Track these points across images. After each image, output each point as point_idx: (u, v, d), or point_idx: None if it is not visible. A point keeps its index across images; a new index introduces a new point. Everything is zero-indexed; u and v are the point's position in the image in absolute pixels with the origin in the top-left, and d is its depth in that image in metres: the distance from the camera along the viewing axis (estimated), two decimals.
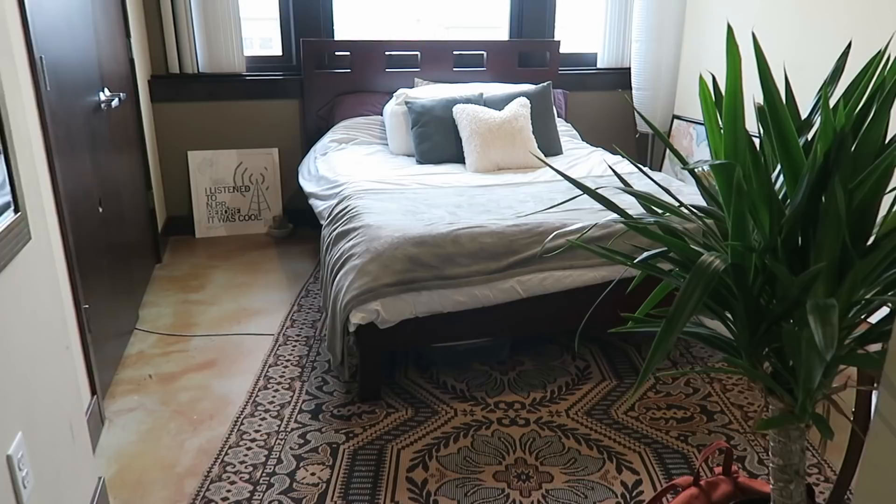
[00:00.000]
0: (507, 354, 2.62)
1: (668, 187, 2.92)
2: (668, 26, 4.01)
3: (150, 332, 2.83)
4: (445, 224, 2.37)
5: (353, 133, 3.72)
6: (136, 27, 3.43)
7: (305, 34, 3.94)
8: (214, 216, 4.02)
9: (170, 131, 3.87)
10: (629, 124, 4.50)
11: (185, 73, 3.80)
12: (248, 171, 4.02)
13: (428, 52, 4.01)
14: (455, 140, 3.37)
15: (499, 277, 2.28)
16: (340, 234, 2.48)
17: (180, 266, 3.56)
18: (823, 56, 3.06)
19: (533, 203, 2.66)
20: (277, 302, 3.12)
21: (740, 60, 1.09)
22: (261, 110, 3.97)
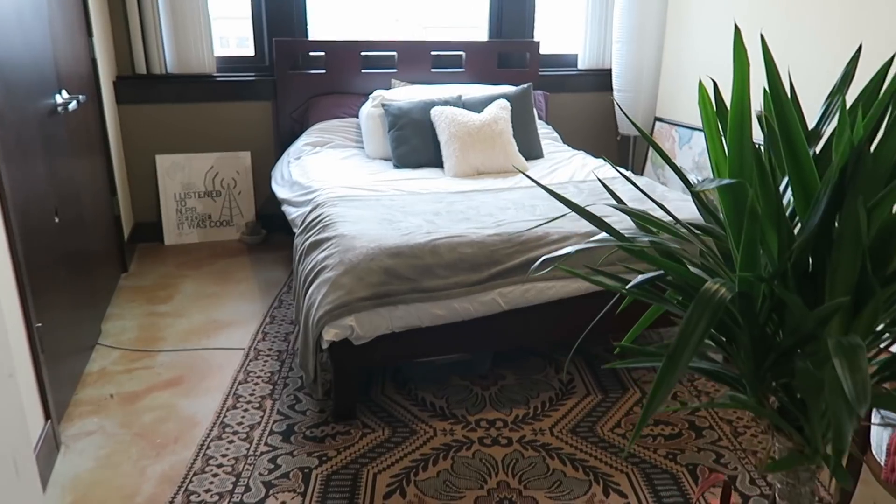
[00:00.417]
0: (489, 368, 2.52)
1: (652, 193, 2.85)
2: (649, 27, 3.94)
3: (113, 347, 2.69)
4: (423, 233, 2.26)
5: (328, 136, 3.59)
6: (98, 25, 3.27)
7: (278, 34, 3.81)
8: (184, 222, 3.87)
9: (136, 134, 3.72)
10: (610, 126, 4.43)
11: (152, 73, 3.65)
12: (220, 175, 3.88)
13: (405, 52, 3.90)
14: (433, 143, 3.27)
15: (479, 290, 2.18)
16: (313, 244, 2.36)
17: (147, 275, 3.41)
18: (813, 58, 3.01)
19: (514, 210, 2.56)
20: (249, 313, 2.99)
21: (748, 66, 0.98)
22: (232, 112, 3.83)
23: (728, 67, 3.50)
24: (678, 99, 3.87)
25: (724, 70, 3.58)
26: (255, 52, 3.91)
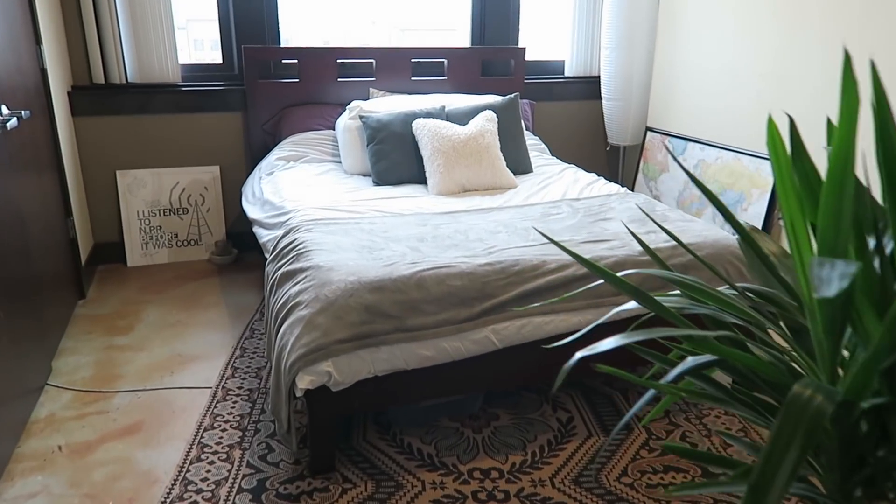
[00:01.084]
0: (480, 407, 2.31)
1: (652, 212, 2.66)
2: (639, 33, 3.76)
3: (64, 388, 2.43)
4: (407, 264, 2.04)
5: (303, 150, 3.36)
6: (49, 32, 3.01)
7: (248, 40, 3.57)
8: (148, 242, 3.61)
9: (94, 149, 3.45)
10: (599, 136, 4.25)
11: (111, 83, 3.39)
12: (186, 191, 3.63)
13: (384, 59, 3.68)
14: (415, 158, 3.05)
15: (470, 327, 1.97)
16: (286, 275, 2.13)
17: (107, 302, 3.15)
18: (806, 65, 2.84)
19: (506, 234, 2.35)
20: (217, 345, 2.75)
21: (858, 103, 0.77)
22: (199, 124, 3.58)
23: (721, 75, 3.26)
24: (670, 108, 3.70)
25: (717, 78, 3.44)
26: (223, 59, 3.67)
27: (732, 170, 3.27)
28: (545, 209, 2.65)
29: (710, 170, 3.41)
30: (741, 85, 3.21)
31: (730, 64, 3.26)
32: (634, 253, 2.19)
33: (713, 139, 3.42)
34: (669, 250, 2.23)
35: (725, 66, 3.29)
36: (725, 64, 3.29)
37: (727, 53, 3.27)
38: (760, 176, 3.11)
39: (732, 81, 3.26)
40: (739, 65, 3.21)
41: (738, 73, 3.21)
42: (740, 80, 3.21)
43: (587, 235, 2.33)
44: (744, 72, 3.18)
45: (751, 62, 3.14)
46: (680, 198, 3.61)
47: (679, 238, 2.25)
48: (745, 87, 3.19)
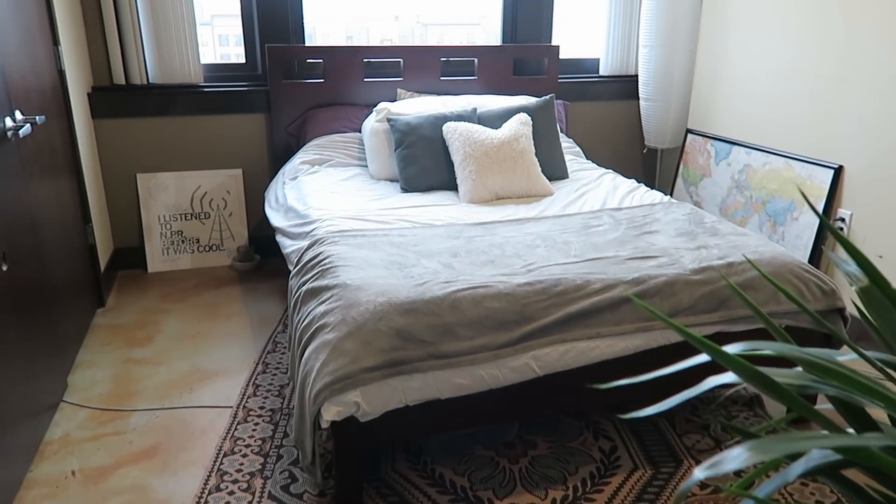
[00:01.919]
0: (516, 434, 2.16)
1: (701, 223, 2.48)
2: (681, 30, 3.57)
3: (80, 405, 2.33)
4: (441, 283, 1.90)
5: (328, 153, 3.23)
6: (69, 33, 2.91)
7: (272, 39, 3.44)
8: (170, 248, 3.51)
9: (115, 152, 3.35)
10: (636, 138, 4.07)
11: (132, 84, 3.29)
12: (209, 195, 3.52)
13: (412, 59, 3.53)
14: (446, 164, 2.90)
15: (509, 353, 1.82)
16: (311, 293, 2.00)
17: (127, 310, 3.05)
18: (870, 67, 2.64)
19: (545, 248, 2.20)
20: (239, 359, 2.63)
21: None
22: (222, 126, 3.47)
23: (771, 75, 3.05)
24: (714, 109, 3.51)
25: (766, 78, 3.24)
26: (246, 59, 3.55)
27: (782, 176, 3.08)
28: (585, 220, 2.49)
29: (756, 175, 3.22)
30: (792, 86, 3.01)
31: (779, 63, 3.07)
32: (685, 272, 2.03)
33: (760, 143, 3.22)
34: (725, 268, 2.06)
35: (775, 66, 3.09)
36: (775, 63, 3.09)
37: (777, 52, 3.07)
38: (813, 183, 2.92)
39: (782, 82, 3.06)
40: (790, 64, 3.01)
41: (789, 73, 3.01)
42: (791, 81, 3.01)
43: (633, 251, 2.16)
44: (795, 72, 2.98)
45: (803, 61, 2.94)
46: (723, 205, 3.42)
47: (734, 254, 2.08)
48: (796, 88, 2.99)
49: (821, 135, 2.89)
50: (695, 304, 1.99)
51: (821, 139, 2.89)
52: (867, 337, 2.69)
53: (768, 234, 3.12)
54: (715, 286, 2.02)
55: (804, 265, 2.14)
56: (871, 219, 2.71)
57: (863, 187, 2.73)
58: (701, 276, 2.03)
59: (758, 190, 3.20)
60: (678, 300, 1.97)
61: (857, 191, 2.76)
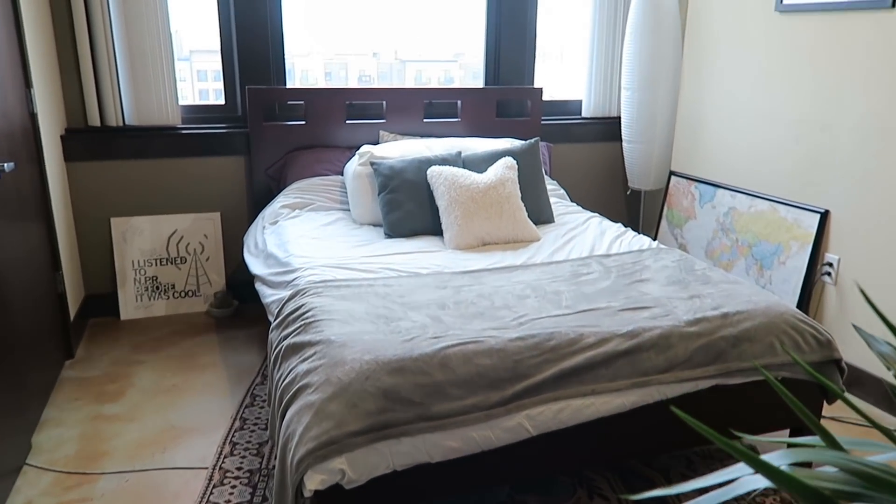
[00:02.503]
0: (507, 494, 2.07)
1: (691, 271, 2.44)
2: (662, 73, 3.58)
3: (44, 469, 2.19)
4: (429, 338, 1.82)
5: (309, 197, 3.16)
6: (42, 74, 2.83)
7: (252, 78, 3.39)
8: (143, 294, 3.39)
9: (88, 195, 3.25)
10: (619, 179, 4.06)
11: (107, 126, 3.20)
12: (185, 239, 3.42)
13: (394, 101, 3.50)
14: (430, 208, 2.85)
15: (502, 412, 1.74)
16: (293, 348, 1.91)
17: (97, 362, 2.92)
18: (854, 113, 2.65)
19: (535, 299, 2.13)
20: (215, 414, 2.51)
21: None
22: (200, 169, 3.39)
23: (754, 119, 3.04)
24: (697, 152, 3.51)
25: (749, 122, 3.24)
26: (225, 100, 3.48)
27: (768, 219, 3.07)
28: (574, 267, 2.44)
29: (742, 219, 3.20)
30: (776, 130, 3.01)
31: (763, 108, 3.08)
32: (680, 323, 1.98)
33: (745, 186, 3.22)
34: (719, 320, 2.01)
35: (758, 110, 3.11)
36: (758, 108, 3.10)
37: (760, 97, 3.09)
38: (799, 227, 2.91)
39: (766, 126, 3.07)
40: (774, 109, 3.02)
41: (773, 117, 3.02)
42: (775, 125, 3.02)
43: (625, 301, 2.11)
44: (779, 116, 2.99)
45: (787, 107, 2.95)
46: (709, 247, 3.39)
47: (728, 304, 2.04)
48: (780, 133, 2.99)
49: (806, 179, 2.89)
50: (691, 357, 1.93)
51: (806, 183, 2.89)
52: (861, 384, 2.65)
53: (755, 277, 3.09)
54: (711, 338, 1.97)
55: (799, 315, 2.10)
56: (860, 263, 2.69)
57: (850, 232, 2.72)
58: (696, 327, 1.98)
59: (744, 233, 3.18)
60: (674, 353, 1.91)
61: (845, 235, 2.74)
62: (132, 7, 3.06)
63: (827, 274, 2.81)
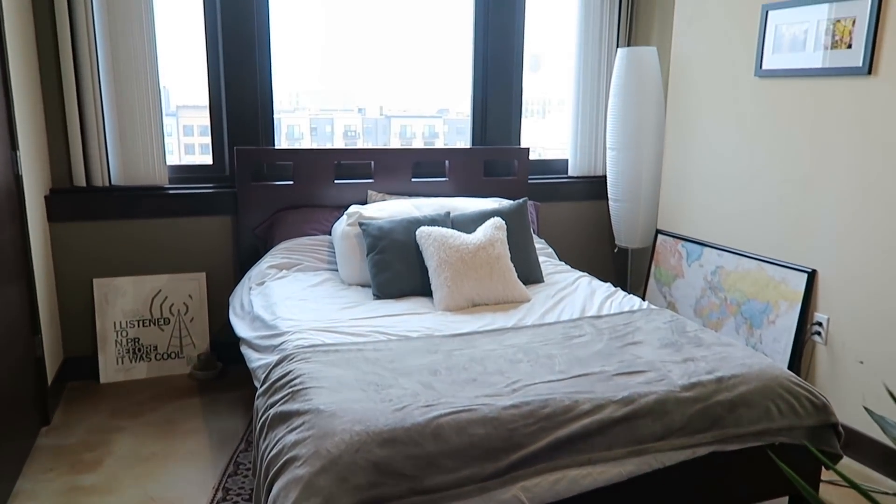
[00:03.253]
0: None
1: (683, 333, 2.43)
2: (646, 133, 3.65)
3: None
4: (421, 407, 1.78)
5: (297, 257, 3.13)
6: (29, 135, 2.82)
7: (241, 138, 3.40)
8: (125, 356, 3.30)
9: (71, 256, 3.20)
10: (606, 237, 4.08)
11: (93, 186, 3.17)
12: (169, 300, 3.36)
13: (383, 161, 3.52)
14: (419, 269, 2.83)
15: (497, 485, 1.68)
16: (280, 417, 1.85)
17: (74, 429, 2.81)
18: (837, 174, 2.70)
19: (528, 363, 2.10)
20: (197, 484, 2.42)
21: None
22: (186, 229, 3.36)
23: (738, 179, 3.07)
24: (683, 210, 3.54)
25: (733, 181, 3.28)
26: (213, 160, 3.48)
27: (755, 278, 3.08)
28: (566, 329, 2.41)
29: (730, 277, 3.21)
30: (760, 190, 3.05)
31: (746, 168, 3.13)
32: (675, 388, 1.95)
33: (731, 245, 3.24)
34: (714, 384, 1.99)
35: (741, 170, 3.15)
36: (741, 167, 3.15)
37: (743, 157, 3.14)
38: (788, 286, 2.92)
39: (750, 185, 3.11)
40: (757, 169, 3.07)
41: (757, 177, 3.07)
42: (759, 185, 3.06)
43: (619, 366, 2.08)
44: (763, 176, 3.04)
45: (770, 167, 3.00)
46: (697, 305, 3.39)
47: (722, 367, 2.01)
48: (764, 193, 3.03)
49: (792, 238, 2.91)
50: (688, 424, 1.90)
51: (792, 243, 2.91)
52: (858, 445, 2.62)
53: (746, 336, 3.08)
54: (707, 403, 1.94)
55: (793, 378, 2.08)
56: (849, 323, 2.70)
57: (838, 291, 2.73)
58: (691, 392, 1.95)
59: (732, 292, 3.19)
60: (671, 420, 1.88)
61: (833, 295, 2.75)
62: (123, 64, 3.07)
63: (817, 333, 2.81)
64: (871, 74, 2.54)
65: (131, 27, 3.06)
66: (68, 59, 3.01)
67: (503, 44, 3.78)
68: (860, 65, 2.56)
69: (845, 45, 2.62)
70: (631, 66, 3.58)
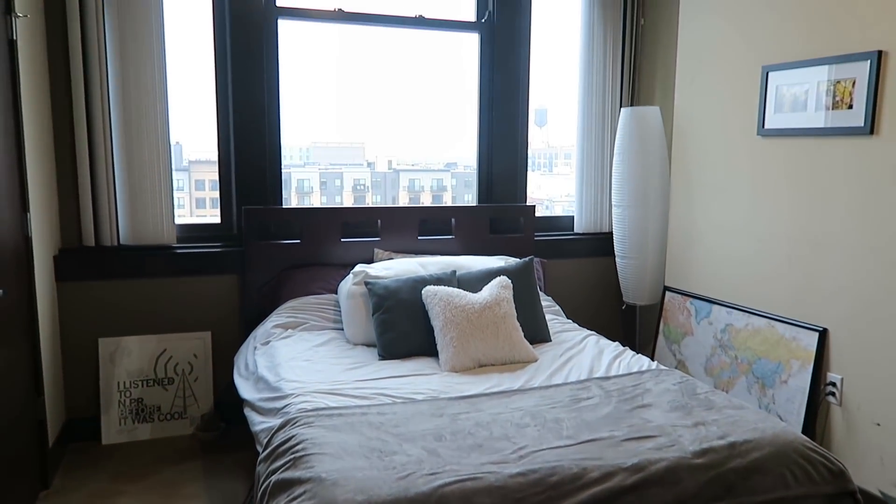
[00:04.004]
0: None
1: (693, 395, 2.38)
2: (651, 191, 3.66)
3: None
4: (425, 475, 1.74)
5: (302, 316, 3.12)
6: (40, 196, 2.86)
7: (249, 195, 3.43)
8: (128, 417, 3.27)
9: (78, 316, 3.20)
10: (613, 294, 4.06)
11: (102, 245, 3.19)
12: (174, 359, 3.34)
13: (389, 219, 3.54)
14: (425, 329, 2.81)
15: None
16: (281, 485, 1.81)
17: (74, 493, 2.76)
18: (844, 232, 2.69)
19: (535, 428, 2.06)
20: None
21: None
22: (193, 288, 3.36)
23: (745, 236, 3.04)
24: (690, 267, 3.53)
25: (740, 239, 3.27)
26: (221, 218, 3.51)
27: (766, 337, 3.03)
28: (573, 392, 2.37)
29: (739, 336, 3.17)
30: (767, 247, 3.04)
31: (752, 225, 3.12)
32: (687, 454, 1.90)
33: (740, 302, 3.21)
34: (727, 450, 1.93)
35: (748, 227, 3.15)
36: (748, 225, 3.15)
37: (749, 214, 3.14)
38: (799, 345, 2.87)
39: (757, 243, 3.10)
40: (763, 226, 3.06)
41: (763, 235, 3.06)
42: (766, 242, 3.05)
43: (628, 430, 2.03)
44: (769, 234, 3.03)
45: (777, 224, 2.99)
46: (708, 364, 3.34)
47: (734, 432, 1.97)
48: (772, 250, 3.02)
49: (802, 296, 2.89)
50: (700, 492, 1.84)
51: (802, 301, 2.88)
52: None
53: (758, 396, 3.02)
54: (720, 470, 1.88)
55: (808, 443, 2.02)
56: (863, 384, 2.64)
57: (851, 351, 2.69)
58: (703, 459, 1.90)
59: (743, 350, 3.14)
60: (683, 488, 1.82)
61: (846, 354, 2.71)
62: (134, 124, 3.11)
63: (831, 394, 2.75)
64: (873, 134, 2.55)
65: (145, 87, 3.11)
66: (81, 119, 3.06)
67: (508, 99, 3.84)
68: (862, 125, 2.58)
69: (846, 105, 2.65)
70: (634, 125, 3.63)
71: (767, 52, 2.99)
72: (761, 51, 3.03)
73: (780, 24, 2.93)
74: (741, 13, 3.13)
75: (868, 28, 2.56)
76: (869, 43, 2.55)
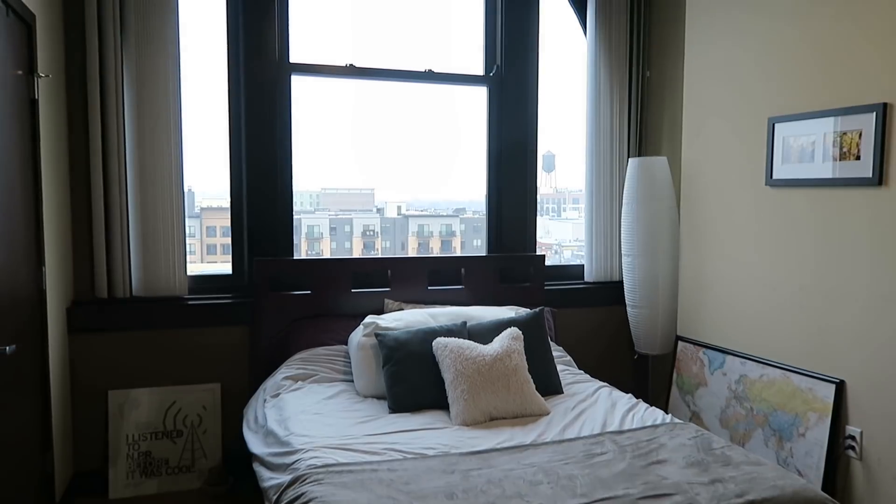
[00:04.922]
0: None
1: (709, 450, 2.34)
2: (661, 240, 3.67)
3: None
4: None
5: (312, 367, 3.11)
6: (56, 251, 2.90)
7: (260, 245, 3.46)
8: (136, 470, 3.23)
9: (89, 368, 3.20)
10: (625, 344, 4.03)
11: (114, 297, 3.21)
12: (183, 411, 3.32)
13: (399, 269, 3.55)
14: (436, 381, 2.78)
15: None
16: None
17: None
18: (850, 279, 2.68)
19: (548, 486, 2.02)
20: None
21: None
22: (203, 339, 3.36)
23: (757, 286, 3.02)
24: (702, 317, 3.50)
25: (752, 288, 3.26)
26: (232, 269, 3.54)
27: (781, 388, 2.99)
28: (587, 446, 2.34)
29: (754, 387, 3.13)
30: (780, 297, 3.02)
31: (764, 275, 3.11)
32: None
33: (754, 352, 3.17)
34: None
35: (760, 277, 3.13)
36: (760, 274, 3.13)
37: (760, 264, 3.13)
38: (815, 397, 2.83)
39: (770, 293, 3.08)
40: (775, 276, 3.04)
41: (775, 284, 3.04)
42: (778, 292, 3.03)
43: (644, 488, 1.99)
44: (781, 283, 3.01)
45: (787, 274, 2.98)
46: (723, 416, 3.29)
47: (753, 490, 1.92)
48: (785, 300, 3.00)
49: (816, 347, 2.85)
50: None
51: (817, 352, 2.85)
52: None
53: (776, 450, 2.96)
54: None
55: (829, 501, 1.98)
56: (884, 437, 2.59)
57: (869, 403, 2.64)
58: None
59: (758, 402, 3.09)
60: None
61: (864, 407, 2.66)
62: (149, 175, 3.16)
63: (851, 448, 2.69)
64: (882, 185, 2.56)
65: (160, 140, 3.16)
66: (98, 173, 3.10)
67: (517, 147, 3.89)
68: (870, 175, 2.59)
69: (853, 156, 2.66)
70: (642, 175, 3.65)
71: (773, 104, 3.03)
72: (767, 103, 3.06)
73: (784, 77, 2.98)
74: (746, 66, 3.18)
75: (872, 80, 2.59)
76: (874, 95, 2.58)
